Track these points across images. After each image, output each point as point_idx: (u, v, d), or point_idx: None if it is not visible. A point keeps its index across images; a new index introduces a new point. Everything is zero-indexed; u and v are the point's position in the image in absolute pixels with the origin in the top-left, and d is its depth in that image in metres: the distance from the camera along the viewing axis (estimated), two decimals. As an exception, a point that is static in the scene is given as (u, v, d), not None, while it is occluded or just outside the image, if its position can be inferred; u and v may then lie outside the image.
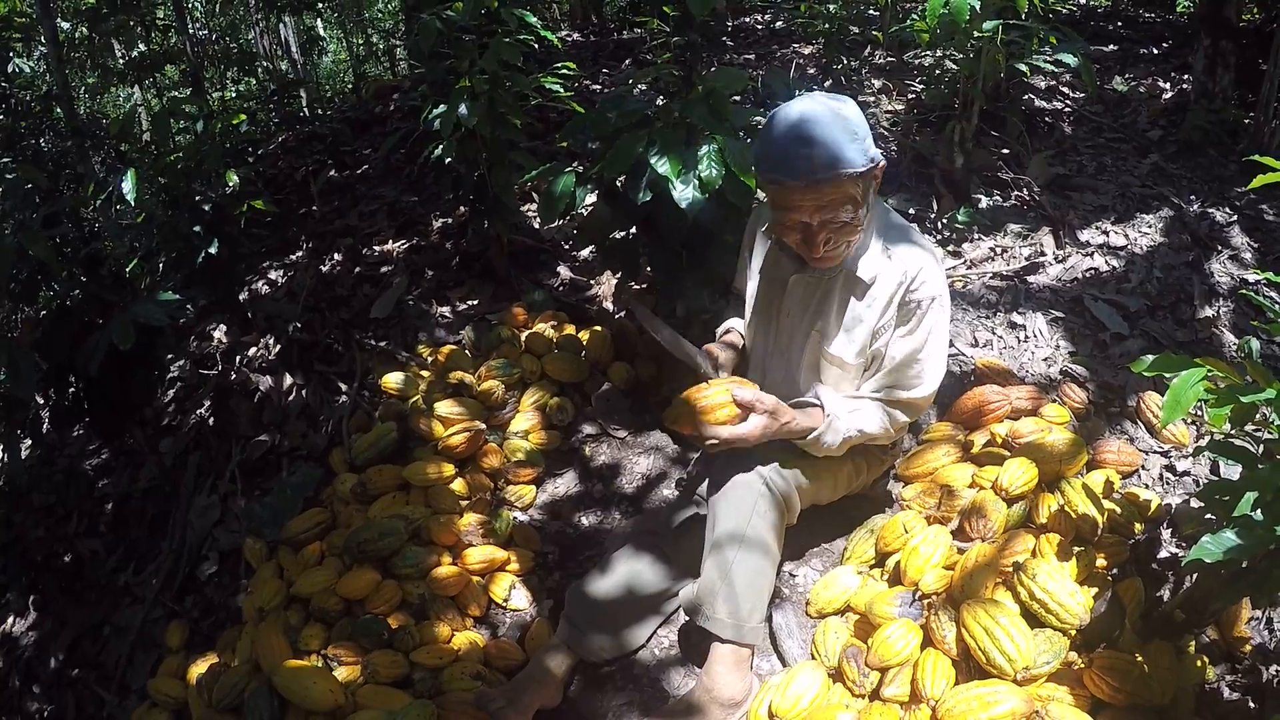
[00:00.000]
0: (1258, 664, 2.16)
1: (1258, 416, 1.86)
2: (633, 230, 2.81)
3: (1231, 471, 2.52)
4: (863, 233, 2.07)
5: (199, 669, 2.46)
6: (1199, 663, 2.07)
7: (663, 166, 2.32)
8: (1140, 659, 1.92)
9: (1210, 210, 3.85)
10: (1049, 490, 2.33)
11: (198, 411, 3.71)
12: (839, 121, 1.91)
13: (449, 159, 3.27)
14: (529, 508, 2.79)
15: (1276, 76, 3.92)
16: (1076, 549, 2.19)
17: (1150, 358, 1.85)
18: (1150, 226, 3.72)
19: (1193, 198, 3.96)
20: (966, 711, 1.83)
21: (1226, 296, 3.32)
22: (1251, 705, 2.04)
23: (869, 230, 2.11)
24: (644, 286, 3.08)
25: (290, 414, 3.48)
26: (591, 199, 2.78)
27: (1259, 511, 1.72)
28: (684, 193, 2.33)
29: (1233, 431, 1.92)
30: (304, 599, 2.52)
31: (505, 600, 2.52)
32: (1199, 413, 2.65)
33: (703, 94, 2.54)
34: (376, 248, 4.15)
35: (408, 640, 2.36)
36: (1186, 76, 5.02)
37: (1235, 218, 3.81)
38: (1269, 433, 1.80)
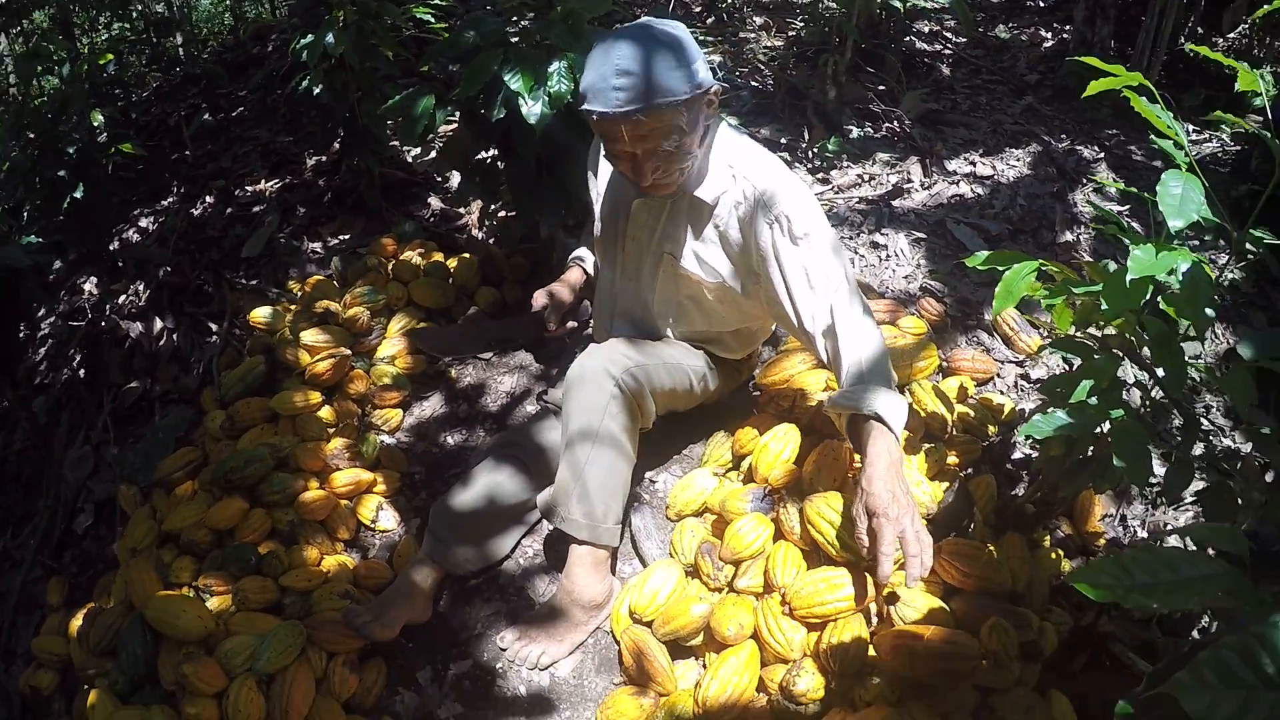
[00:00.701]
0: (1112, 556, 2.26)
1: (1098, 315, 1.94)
2: (493, 151, 2.80)
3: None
4: (697, 157, 2.01)
5: (80, 622, 2.38)
6: (1053, 555, 2.15)
7: (515, 83, 2.31)
8: (991, 548, 1.98)
9: (1079, 147, 3.97)
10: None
11: (69, 366, 3.60)
12: (660, 49, 1.83)
13: (317, 90, 3.20)
14: (396, 431, 2.77)
15: (1153, 29, 4.04)
16: (926, 446, 2.26)
17: (986, 253, 1.91)
18: (1018, 160, 3.83)
19: (1064, 136, 4.08)
20: (813, 594, 1.88)
21: (1087, 225, 3.43)
22: (1107, 594, 2.14)
23: (710, 152, 2.06)
24: (511, 215, 3.06)
25: (161, 358, 3.40)
26: (454, 124, 2.75)
27: (1095, 399, 1.80)
28: (532, 109, 2.32)
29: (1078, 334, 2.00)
30: (175, 535, 2.46)
31: (373, 521, 2.52)
32: (1050, 323, 2.74)
33: (561, 15, 2.53)
34: (249, 188, 4.06)
35: (276, 565, 2.33)
36: (1068, 28, 5.16)
37: (1103, 155, 3.94)
38: (1111, 328, 1.87)
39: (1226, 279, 3.17)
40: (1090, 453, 1.99)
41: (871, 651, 1.85)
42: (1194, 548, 2.03)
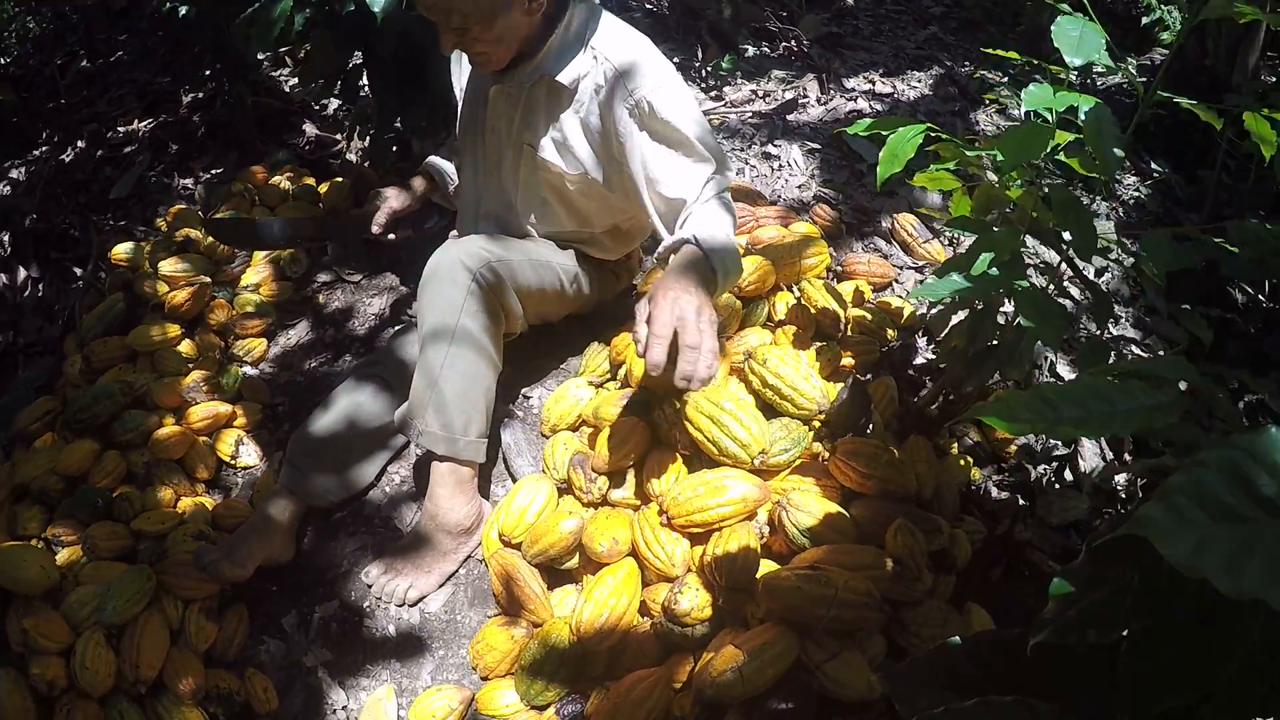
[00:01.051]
0: (1024, 463, 2.15)
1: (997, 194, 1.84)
2: (356, 58, 2.62)
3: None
4: (508, 44, 1.84)
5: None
6: (962, 462, 2.05)
7: (359, -28, 2.13)
8: (893, 450, 1.85)
9: (983, 72, 3.89)
10: (789, 290, 2.27)
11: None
12: None
13: (184, 10, 2.99)
14: (260, 361, 2.59)
15: (1058, -39, 3.97)
16: (819, 344, 2.13)
17: (869, 120, 1.79)
18: (919, 81, 3.74)
19: (966, 64, 4.00)
20: (692, 499, 1.73)
21: (992, 139, 3.33)
22: (1021, 501, 2.04)
23: (570, 33, 1.91)
24: (387, 137, 2.88)
25: (25, 310, 3.19)
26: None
27: (995, 269, 1.68)
28: None
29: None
30: (28, 486, 2.27)
31: (233, 457, 2.34)
32: (952, 230, 2.64)
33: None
34: (121, 129, 3.83)
35: (127, 508, 2.15)
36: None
37: (1006, 79, 3.85)
38: (1012, 202, 1.77)
39: (1131, 198, 3.12)
40: (995, 344, 1.87)
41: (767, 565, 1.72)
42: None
